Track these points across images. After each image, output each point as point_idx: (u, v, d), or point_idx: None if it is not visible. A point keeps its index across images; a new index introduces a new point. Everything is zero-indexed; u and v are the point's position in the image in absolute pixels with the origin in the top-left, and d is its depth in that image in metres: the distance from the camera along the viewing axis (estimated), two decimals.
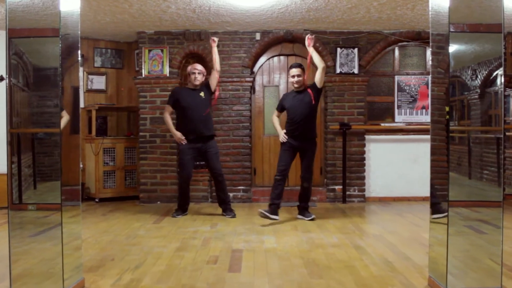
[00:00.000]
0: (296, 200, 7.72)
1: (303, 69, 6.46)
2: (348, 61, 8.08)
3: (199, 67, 6.82)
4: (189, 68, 6.84)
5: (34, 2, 3.34)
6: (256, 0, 6.55)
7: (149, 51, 8.10)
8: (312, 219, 6.46)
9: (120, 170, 8.34)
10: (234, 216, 6.77)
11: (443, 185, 3.40)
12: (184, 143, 6.71)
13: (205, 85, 6.89)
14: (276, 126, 6.71)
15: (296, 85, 6.46)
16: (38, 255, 3.50)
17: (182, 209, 6.92)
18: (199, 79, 6.75)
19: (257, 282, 3.90)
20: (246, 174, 8.10)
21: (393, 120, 8.34)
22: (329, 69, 8.09)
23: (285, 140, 6.47)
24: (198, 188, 8.07)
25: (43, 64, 3.59)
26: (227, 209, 6.89)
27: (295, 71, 6.41)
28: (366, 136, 8.18)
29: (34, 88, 3.57)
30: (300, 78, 6.41)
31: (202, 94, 6.78)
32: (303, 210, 6.62)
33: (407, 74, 8.34)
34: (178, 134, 6.74)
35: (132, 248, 5.01)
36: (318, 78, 6.38)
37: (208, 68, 8.13)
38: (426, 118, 8.23)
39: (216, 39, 6.89)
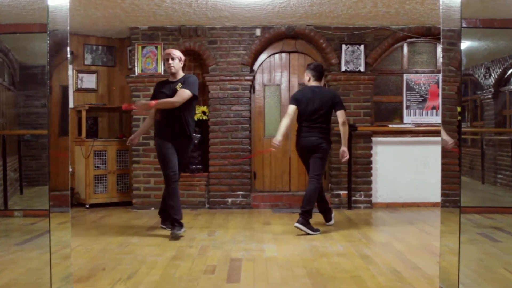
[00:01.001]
0: (298, 206, 7.71)
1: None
2: (354, 58, 8.09)
3: (175, 52, 6.06)
4: (163, 54, 6.33)
5: None
6: None
7: (143, 47, 8.10)
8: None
9: (111, 174, 8.33)
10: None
11: (454, 190, 3.40)
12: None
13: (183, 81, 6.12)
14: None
15: None
16: (25, 264, 3.50)
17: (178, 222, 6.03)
18: (174, 65, 5.99)
19: None
20: (246, 178, 8.10)
21: (401, 121, 8.34)
22: (333, 67, 8.10)
23: None
24: (194, 193, 8.08)
25: (30, 62, 3.60)
26: (167, 220, 6.23)
27: None
28: (373, 138, 8.18)
29: (20, 87, 3.58)
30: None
31: (178, 87, 5.97)
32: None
33: (417, 72, 8.34)
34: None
35: (125, 257, 5.01)
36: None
37: (207, 65, 8.14)
38: (436, 119, 8.22)
39: None
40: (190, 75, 6.16)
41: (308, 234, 6.03)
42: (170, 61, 5.99)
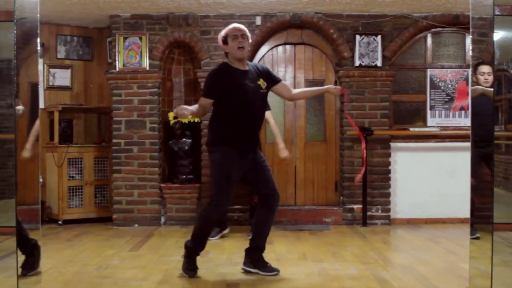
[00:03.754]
0: (305, 222, 7.72)
1: None
2: (370, 51, 8.10)
3: (243, 28, 5.24)
4: (226, 31, 5.21)
5: None
6: None
7: (125, 39, 8.12)
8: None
9: (88, 185, 8.34)
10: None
11: (486, 204, 3.40)
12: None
13: (265, 72, 5.34)
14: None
15: None
16: None
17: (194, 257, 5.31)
18: (245, 46, 5.15)
19: None
20: (244, 190, 8.08)
21: (424, 124, 8.35)
22: (346, 61, 8.11)
23: None
24: (184, 207, 8.07)
25: None
26: (261, 261, 5.31)
27: None
28: (392, 144, 8.19)
29: None
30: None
31: (261, 82, 5.21)
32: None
33: (442, 67, 8.35)
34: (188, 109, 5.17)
35: (104, 281, 5.01)
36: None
37: (199, 58, 8.15)
38: (465, 121, 8.23)
39: None
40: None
41: None
42: (240, 39, 5.13)
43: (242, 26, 5.24)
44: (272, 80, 5.32)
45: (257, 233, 5.33)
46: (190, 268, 5.18)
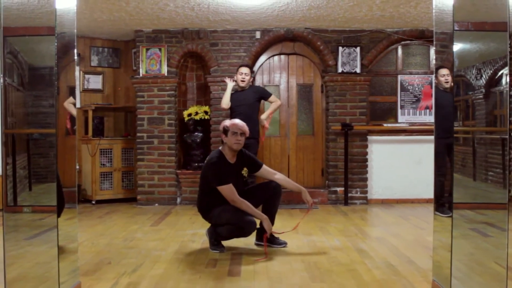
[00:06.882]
0: (296, 202, 7.71)
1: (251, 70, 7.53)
2: (350, 60, 8.08)
3: (244, 128, 5.07)
4: (229, 124, 5.07)
5: (29, 0, 3.34)
6: None
7: (147, 49, 8.10)
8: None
9: (117, 171, 8.34)
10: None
11: (447, 187, 3.39)
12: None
13: (249, 160, 5.28)
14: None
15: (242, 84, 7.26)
16: (33, 258, 3.49)
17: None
18: (241, 143, 5.08)
19: (257, 286, 3.89)
20: None
21: (396, 121, 8.33)
22: (330, 68, 8.10)
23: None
24: (197, 190, 8.03)
25: (39, 63, 3.59)
26: (271, 236, 5.21)
27: (244, 69, 7.26)
28: (369, 137, 8.18)
29: (29, 87, 3.57)
30: (248, 77, 7.27)
31: (244, 171, 5.26)
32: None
33: (410, 73, 8.34)
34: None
35: (130, 251, 5.01)
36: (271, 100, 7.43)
37: (208, 66, 8.14)
38: (429, 118, 8.22)
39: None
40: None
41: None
42: (239, 137, 5.02)
43: (244, 126, 5.05)
44: (255, 167, 5.29)
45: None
46: (221, 245, 5.05)
